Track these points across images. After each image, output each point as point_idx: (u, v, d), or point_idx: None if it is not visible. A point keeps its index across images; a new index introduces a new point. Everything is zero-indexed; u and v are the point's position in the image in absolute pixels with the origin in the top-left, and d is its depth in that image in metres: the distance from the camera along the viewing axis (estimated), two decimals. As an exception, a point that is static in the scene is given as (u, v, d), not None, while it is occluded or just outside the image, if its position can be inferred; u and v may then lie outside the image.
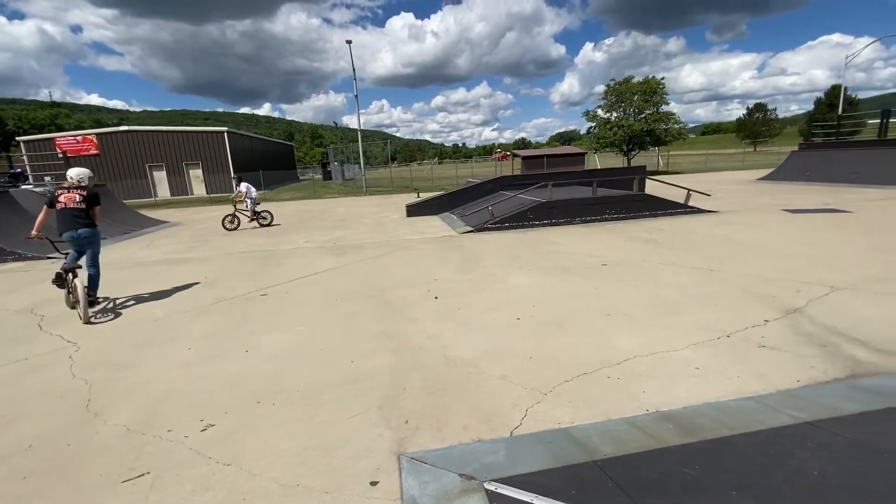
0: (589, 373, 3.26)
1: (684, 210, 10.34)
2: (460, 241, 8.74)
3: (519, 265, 6.53)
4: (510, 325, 4.27)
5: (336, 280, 6.29)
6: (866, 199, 10.87)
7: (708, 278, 5.35)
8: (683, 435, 2.34)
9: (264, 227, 12.69)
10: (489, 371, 3.38)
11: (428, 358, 3.66)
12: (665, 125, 27.70)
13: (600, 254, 6.90)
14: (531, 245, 7.93)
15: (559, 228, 9.52)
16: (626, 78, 28.73)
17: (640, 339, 3.75)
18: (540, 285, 5.50)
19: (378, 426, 2.74)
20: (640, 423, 2.54)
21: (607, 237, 8.23)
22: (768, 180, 16.87)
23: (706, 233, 8.09)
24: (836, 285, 4.78)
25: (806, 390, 2.83)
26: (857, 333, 3.63)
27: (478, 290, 5.45)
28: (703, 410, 2.63)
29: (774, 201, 11.57)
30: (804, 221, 8.74)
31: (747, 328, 3.88)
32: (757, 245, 6.91)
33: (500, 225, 9.86)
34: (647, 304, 4.62)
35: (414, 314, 4.71)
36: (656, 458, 2.14)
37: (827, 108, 47.05)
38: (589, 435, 2.44)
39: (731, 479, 1.92)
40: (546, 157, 31.25)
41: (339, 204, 18.93)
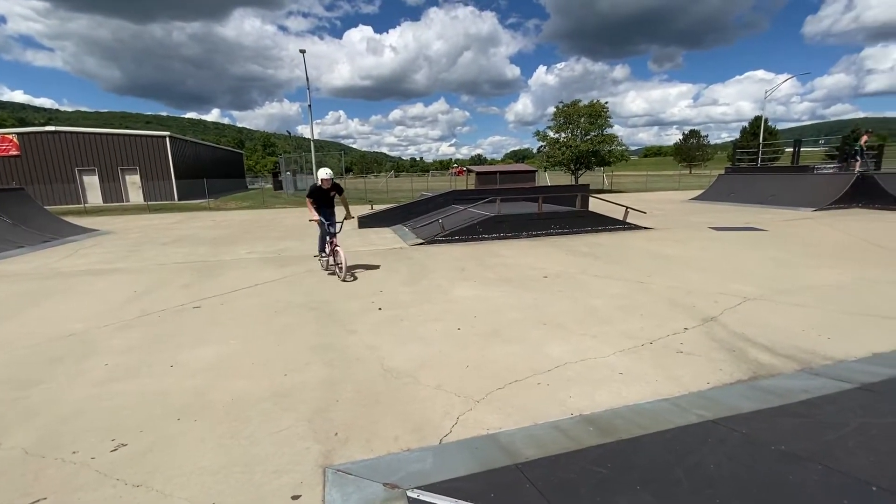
0: (520, 380, 3.36)
1: (622, 226, 10.95)
2: (410, 253, 8.76)
3: (465, 277, 6.64)
4: (450, 335, 4.32)
5: (277, 292, 6.10)
6: (781, 219, 12.00)
7: (638, 290, 5.68)
8: (601, 436, 2.47)
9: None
10: (425, 381, 3.40)
11: (365, 369, 3.63)
12: (609, 146, 29.31)
13: (542, 266, 7.15)
14: (478, 257, 8.08)
15: (506, 242, 9.78)
16: (574, 101, 30.23)
17: (570, 347, 3.92)
18: (483, 297, 5.61)
19: (306, 440, 2.68)
20: (564, 426, 2.64)
21: (550, 251, 8.55)
22: (699, 200, 18.21)
23: (640, 248, 8.61)
24: (747, 296, 5.23)
25: (713, 391, 3.07)
26: (762, 339, 3.99)
27: (422, 301, 5.48)
28: (621, 412, 2.79)
29: (702, 219, 12.51)
30: (726, 238, 9.50)
31: (668, 335, 4.15)
32: (684, 259, 7.44)
33: (451, 238, 9.99)
34: (581, 314, 4.83)
35: (355, 326, 4.66)
36: (574, 459, 2.24)
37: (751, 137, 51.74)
38: (514, 440, 2.51)
39: (637, 475, 2.04)
40: (499, 174, 32.14)
41: (288, 214, 18.42)
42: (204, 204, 24.35)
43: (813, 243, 8.59)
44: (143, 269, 7.85)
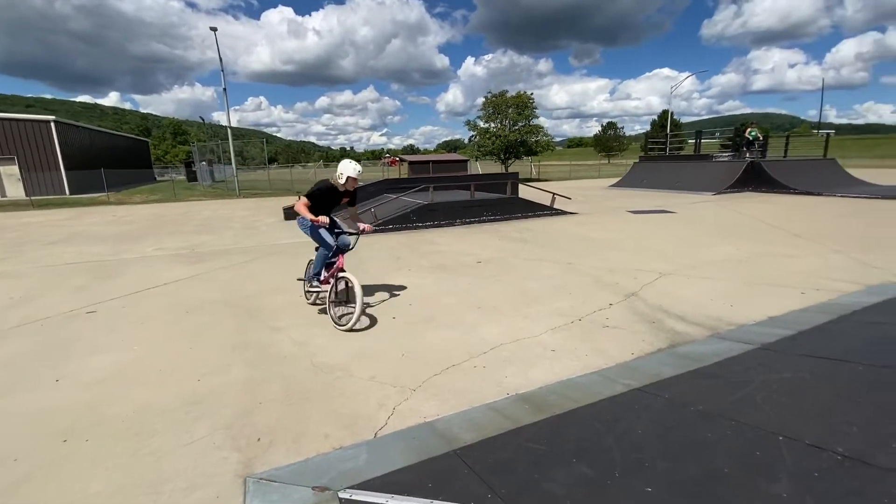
0: (457, 364, 3.31)
1: (550, 212, 11.37)
2: (340, 245, 8.40)
3: (399, 266, 6.49)
4: (385, 324, 4.17)
5: (189, 290, 5.54)
6: (687, 202, 13.15)
7: (566, 270, 5.89)
8: (536, 413, 2.47)
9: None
10: (358, 373, 3.23)
11: (292, 367, 3.38)
12: (535, 137, 30.40)
13: (476, 252, 7.20)
14: (412, 246, 7.96)
15: (440, 229, 9.74)
16: (502, 92, 30.90)
17: (504, 329, 3.95)
18: (418, 284, 5.51)
19: (223, 449, 2.42)
20: (500, 406, 2.63)
21: (483, 236, 8.64)
22: (617, 187, 19.48)
23: (567, 231, 8.98)
24: (662, 272, 5.63)
25: (637, 361, 3.23)
26: (676, 310, 4.29)
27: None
28: (555, 388, 2.83)
29: (621, 204, 13.37)
30: (642, 220, 10.22)
31: (595, 312, 4.33)
32: (606, 241, 7.86)
33: (384, 227, 9.75)
34: (514, 296, 4.90)
35: (280, 322, 4.35)
36: (510, 438, 2.22)
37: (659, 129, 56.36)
38: (451, 425, 2.45)
39: (571, 447, 2.06)
40: (432, 163, 32.11)
41: (204, 207, 16.96)
42: (103, 198, 21.71)
43: (714, 223, 9.49)
44: (23, 273, 6.77)
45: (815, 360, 2.86)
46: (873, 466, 1.75)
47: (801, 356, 2.94)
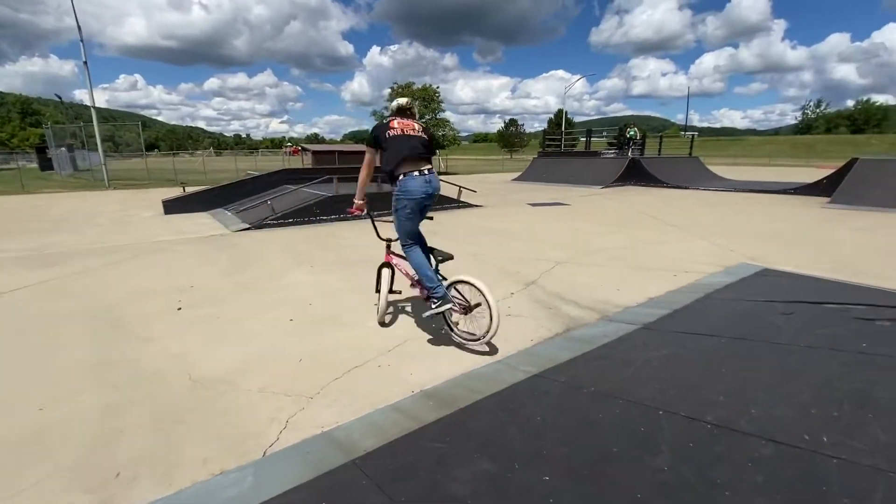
0: (361, 365, 3.13)
1: (457, 205, 11.53)
2: (233, 240, 7.64)
3: (300, 262, 6.05)
4: (281, 327, 3.83)
5: (33, 301, 4.59)
6: (579, 195, 14.24)
7: (472, 262, 5.97)
8: (441, 409, 2.41)
9: None
10: (246, 385, 2.90)
11: (164, 385, 2.92)
12: (443, 131, 30.76)
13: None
14: (316, 240, 7.50)
15: (346, 223, 9.34)
16: (408, 84, 30.68)
17: (411, 324, 3.85)
18: (321, 281, 5.18)
19: (70, 491, 1.98)
20: (404, 406, 2.52)
21: (391, 229, 8.44)
22: (519, 181, 20.49)
23: (473, 223, 9.17)
24: (558, 260, 5.96)
25: (537, 347, 3.34)
26: (571, 296, 4.55)
27: (247, 293, 4.78)
28: (460, 381, 2.80)
29: (522, 197, 14.05)
30: (541, 212, 10.82)
31: (499, 300, 4.41)
32: (509, 232, 8.16)
33: (283, 221, 9.08)
34: (421, 289, 4.82)
35: (152, 332, 3.77)
36: (413, 439, 2.12)
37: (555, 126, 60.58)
38: (351, 433, 2.28)
39: (475, 442, 2.02)
40: (338, 154, 30.84)
41: (61, 200, 14.40)
42: (-86, 189, 17.38)
43: (602, 214, 10.38)
44: None
45: (687, 337, 3.19)
46: (737, 432, 1.96)
47: (677, 333, 3.26)
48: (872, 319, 3.27)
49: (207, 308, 4.32)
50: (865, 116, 79.13)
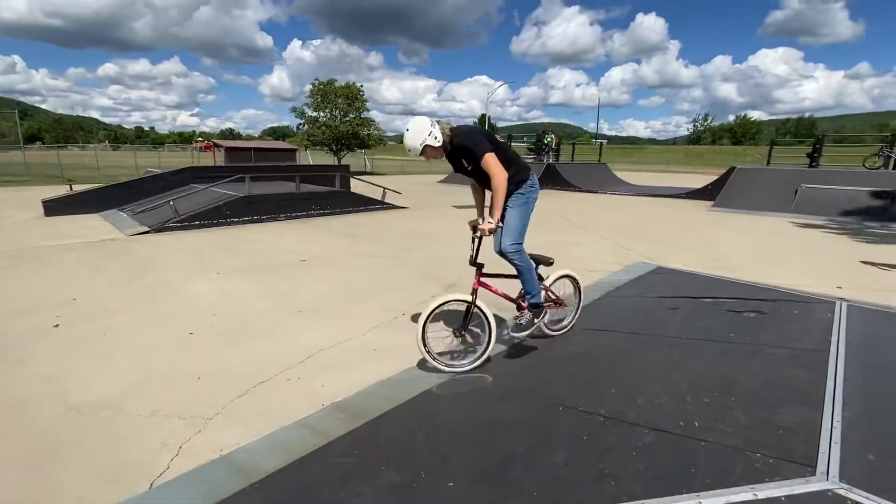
0: (268, 379, 2.96)
1: (382, 206, 11.40)
2: (128, 246, 6.87)
3: (205, 269, 5.59)
4: (179, 342, 3.50)
5: None
6: (502, 198, 14.75)
7: (394, 265, 5.93)
8: (351, 421, 2.35)
9: None
10: (134, 409, 2.61)
11: (35, 414, 2.54)
12: (367, 130, 30.23)
13: (301, 249, 6.71)
14: (225, 245, 6.99)
15: (261, 225, 8.82)
16: (330, 80, 29.71)
17: (327, 332, 3.71)
18: (227, 290, 4.82)
19: None
20: (312, 421, 2.42)
21: (310, 232, 8.14)
22: (445, 183, 20.77)
23: (397, 225, 9.11)
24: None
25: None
26: (488, 296, 4.66)
27: (140, 305, 4.31)
28: (374, 390, 2.75)
29: (447, 199, 14.25)
30: (465, 214, 11.04)
31: (419, 304, 4.42)
32: (433, 234, 8.23)
33: (188, 223, 8.35)
34: (340, 295, 4.69)
35: (23, 354, 3.27)
36: (320, 456, 2.04)
37: (481, 130, 62.14)
38: (252, 454, 2.14)
39: (382, 455, 2.00)
40: (254, 150, 29.01)
41: None
42: None
43: (522, 216, 10.84)
44: None
45: (591, 333, 3.43)
46: (625, 423, 2.14)
47: (583, 330, 3.49)
48: (740, 311, 3.76)
49: (92, 324, 3.83)
50: (743, 130, 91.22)
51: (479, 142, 2.80)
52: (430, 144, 2.78)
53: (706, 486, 1.66)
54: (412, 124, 2.80)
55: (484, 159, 2.74)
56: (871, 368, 2.60)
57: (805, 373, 2.55)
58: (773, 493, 1.60)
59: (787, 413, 2.15)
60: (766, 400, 2.29)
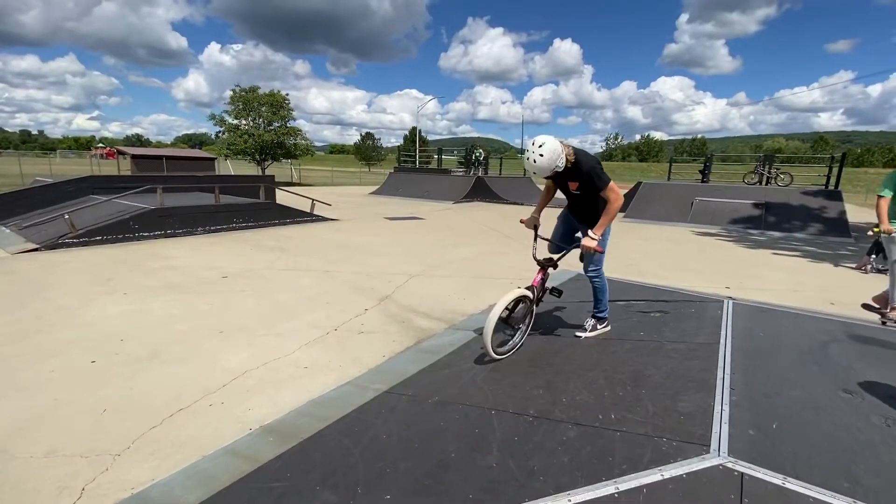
0: (186, 407, 2.76)
1: (310, 218, 11.05)
2: (12, 265, 6.03)
3: (109, 289, 5.06)
4: (78, 373, 3.14)
5: None
6: (433, 209, 14.97)
7: (324, 279, 5.78)
8: (282, 444, 2.26)
9: None
10: (25, 451, 2.30)
11: None
12: (294, 139, 29.21)
13: (222, 265, 6.30)
14: (133, 262, 6.37)
15: (176, 240, 8.15)
16: (253, 87, 28.40)
17: (252, 352, 3.53)
18: (138, 311, 4.40)
19: None
20: (239, 447, 2.30)
21: (232, 246, 7.67)
22: (376, 194, 20.62)
23: (327, 238, 8.89)
24: (412, 273, 6.17)
25: (388, 363, 3.39)
26: (423, 308, 4.74)
27: (29, 334, 3.80)
28: (305, 410, 2.67)
29: (379, 211, 14.17)
30: (397, 226, 11.06)
31: (351, 319, 4.36)
32: (365, 246, 8.14)
33: (88, 239, 7.49)
34: (266, 312, 4.48)
35: None
36: (248, 483, 1.95)
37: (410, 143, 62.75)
38: (171, 488, 1.99)
39: (317, 475, 1.96)
40: (166, 159, 26.72)
41: None
42: None
43: (453, 227, 11.09)
44: None
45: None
46: (551, 420, 2.28)
47: (509, 337, 3.65)
48: (648, 312, 4.16)
49: (-37, 358, 3.31)
50: (648, 148, 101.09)
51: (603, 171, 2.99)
52: (558, 170, 2.93)
53: (622, 471, 1.83)
54: (547, 151, 2.82)
55: (609, 187, 2.96)
56: (750, 356, 3.01)
57: (700, 363, 2.89)
58: (677, 472, 1.80)
59: (686, 400, 2.42)
60: (670, 390, 2.56)
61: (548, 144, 2.82)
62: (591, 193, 3.07)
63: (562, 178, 3.14)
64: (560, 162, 2.88)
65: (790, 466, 1.80)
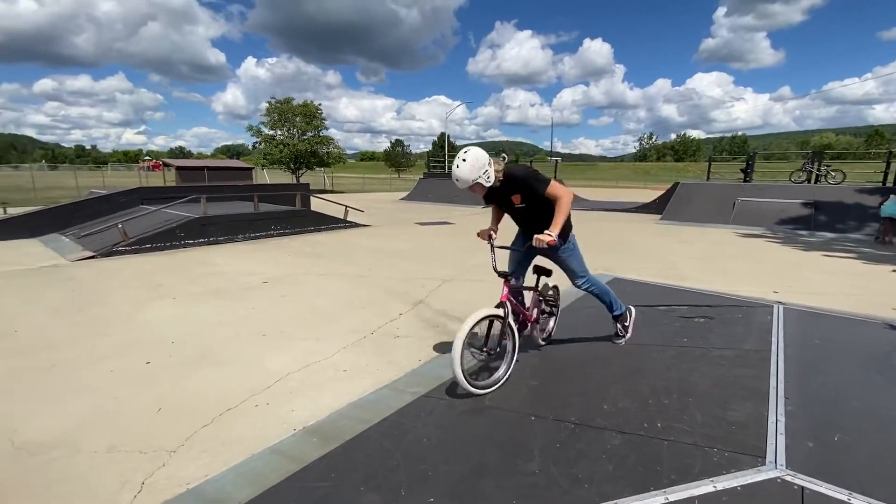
0: (234, 407, 2.87)
1: (344, 225, 11.30)
2: (72, 272, 6.45)
3: (159, 295, 5.34)
4: (134, 373, 3.33)
5: None
6: (462, 214, 15.00)
7: (360, 284, 5.89)
8: (325, 445, 2.32)
9: None
10: (89, 446, 2.46)
11: (-30, 459, 2.34)
12: (326, 148, 29.97)
13: (262, 271, 6.53)
14: (180, 268, 6.70)
15: (218, 247, 8.52)
16: (287, 98, 29.38)
17: (293, 356, 3.64)
18: (185, 315, 4.62)
19: None
20: (285, 447, 2.37)
21: (271, 253, 7.94)
22: (406, 200, 20.87)
23: (360, 244, 9.06)
24: (444, 278, 6.19)
25: (424, 367, 3.41)
26: (456, 312, 4.75)
27: (90, 336, 4.06)
28: (346, 412, 2.73)
29: (409, 216, 14.33)
30: (428, 231, 11.14)
31: (387, 323, 4.42)
32: (398, 252, 8.25)
33: (139, 247, 7.95)
34: (305, 316, 4.61)
35: (-49, 394, 2.99)
36: (295, 482, 2.00)
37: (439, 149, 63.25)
38: (223, 485, 2.07)
39: (359, 476, 1.99)
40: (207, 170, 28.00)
41: None
42: None
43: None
44: None
45: (555, 344, 3.55)
46: (594, 428, 2.24)
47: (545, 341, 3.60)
48: (691, 317, 4.01)
49: (36, 357, 3.58)
50: (684, 147, 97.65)
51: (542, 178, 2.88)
52: (481, 183, 2.76)
53: (672, 481, 1.77)
54: (470, 158, 2.70)
55: (552, 185, 2.82)
56: (804, 365, 2.85)
57: (750, 371, 2.76)
58: (730, 484, 1.73)
59: (737, 409, 2.32)
60: (718, 398, 2.46)
61: (472, 152, 2.71)
62: (536, 201, 2.87)
63: (502, 196, 2.97)
64: (485, 175, 2.72)
65: (855, 481, 1.70)
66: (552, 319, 3.58)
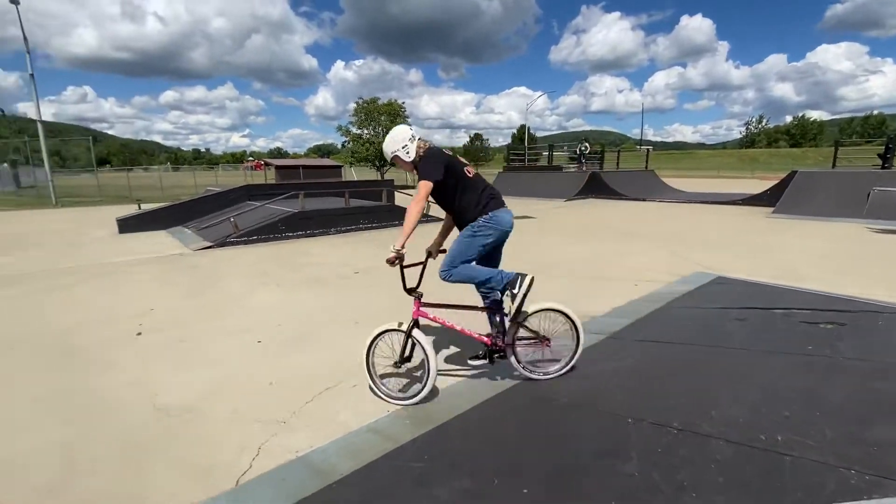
0: (333, 386, 3.09)
1: (426, 219, 11.58)
2: (194, 260, 7.38)
3: (265, 281, 5.91)
4: (249, 350, 3.73)
5: (-25, 329, 4.27)
6: (544, 208, 14.63)
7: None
8: (419, 427, 2.42)
9: None
10: (215, 412, 2.81)
11: (126, 415, 2.79)
12: (409, 144, 30.99)
13: (354, 262, 6.95)
14: (282, 258, 7.35)
15: (314, 239, 9.21)
16: (373, 98, 30.79)
17: (384, 342, 3.83)
18: (288, 301, 5.07)
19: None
20: (380, 426, 2.51)
21: (361, 245, 8.41)
22: (486, 194, 20.86)
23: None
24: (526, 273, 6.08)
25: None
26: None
27: (211, 316, 4.62)
28: (439, 397, 2.81)
29: (490, 210, 14.28)
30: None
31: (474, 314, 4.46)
32: (478, 245, 8.27)
33: (247, 238, 8.86)
34: (395, 305, 4.79)
35: (110, 358, 3.59)
36: (391, 460, 2.12)
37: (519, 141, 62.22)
38: (327, 456, 2.25)
39: (453, 459, 2.05)
40: (302, 168, 30.42)
41: (5, 219, 13.46)
42: None
43: (566, 226, 10.70)
44: None
45: (651, 345, 3.34)
46: (699, 435, 2.08)
47: (641, 342, 3.41)
48: (815, 323, 3.53)
49: (169, 332, 4.15)
50: (802, 131, 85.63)
51: (427, 168, 2.76)
52: (400, 156, 2.88)
53: (798, 500, 1.59)
54: (392, 132, 2.93)
55: (418, 185, 2.71)
56: (974, 384, 2.38)
57: (893, 386, 2.37)
58: (873, 513, 1.51)
59: (879, 428, 2.01)
60: (853, 415, 2.15)
61: (396, 128, 2.92)
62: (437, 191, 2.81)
63: None
64: (404, 150, 2.81)
65: None
66: (544, 351, 2.86)
